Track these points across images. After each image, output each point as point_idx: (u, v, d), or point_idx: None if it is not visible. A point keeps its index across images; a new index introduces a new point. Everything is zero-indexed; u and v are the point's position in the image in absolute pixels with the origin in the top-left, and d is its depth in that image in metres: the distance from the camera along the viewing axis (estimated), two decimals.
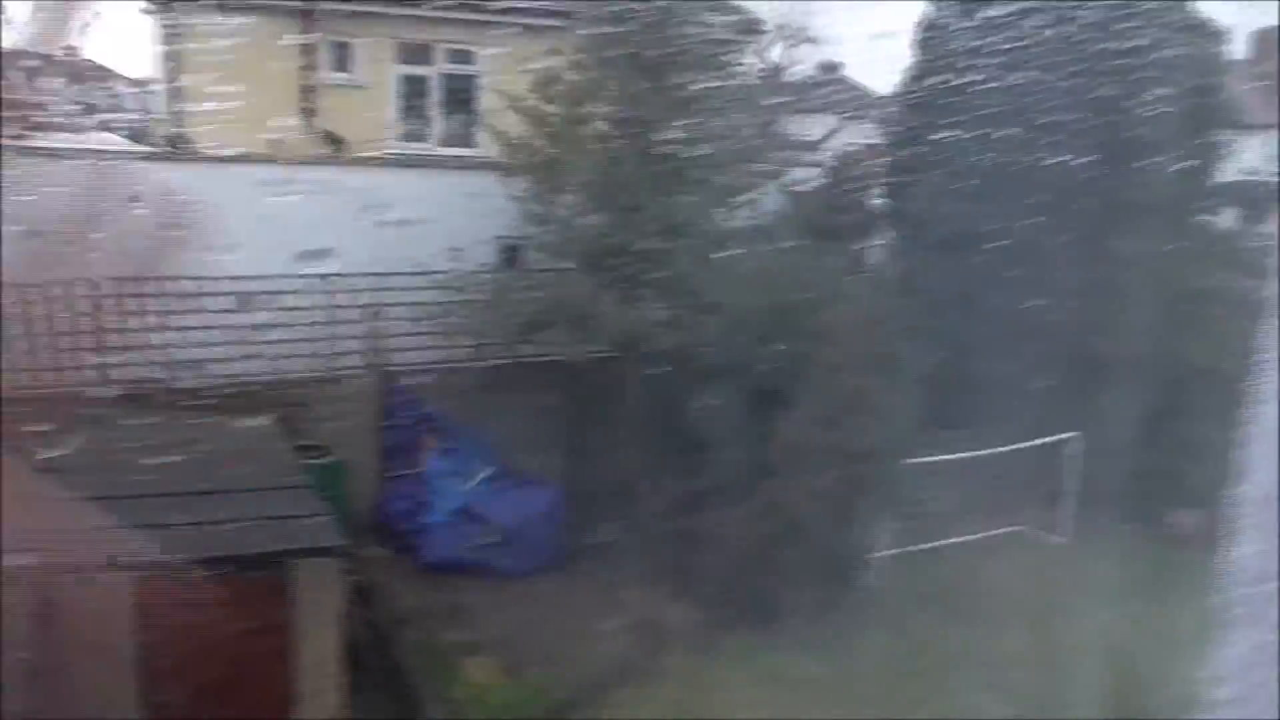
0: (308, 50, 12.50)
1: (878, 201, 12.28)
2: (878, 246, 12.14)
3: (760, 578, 8.71)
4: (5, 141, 8.66)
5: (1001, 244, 11.11)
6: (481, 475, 10.10)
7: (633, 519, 9.47)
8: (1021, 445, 10.58)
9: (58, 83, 14.60)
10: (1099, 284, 10.98)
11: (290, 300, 10.39)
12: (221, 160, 10.73)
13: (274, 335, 10.31)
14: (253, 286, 10.12)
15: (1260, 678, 0.62)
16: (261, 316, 10.20)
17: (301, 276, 10.30)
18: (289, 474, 8.20)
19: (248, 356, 10.12)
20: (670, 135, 10.32)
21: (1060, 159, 11.18)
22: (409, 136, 13.35)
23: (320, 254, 10.01)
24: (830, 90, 13.56)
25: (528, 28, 12.05)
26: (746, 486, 9.01)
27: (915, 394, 9.46)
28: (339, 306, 10.64)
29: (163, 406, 9.02)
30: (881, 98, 13.54)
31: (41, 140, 10.41)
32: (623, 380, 10.03)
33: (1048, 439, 10.75)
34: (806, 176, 12.01)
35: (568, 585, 9.46)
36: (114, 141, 13.02)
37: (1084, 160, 11.08)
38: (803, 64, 12.07)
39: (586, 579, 9.46)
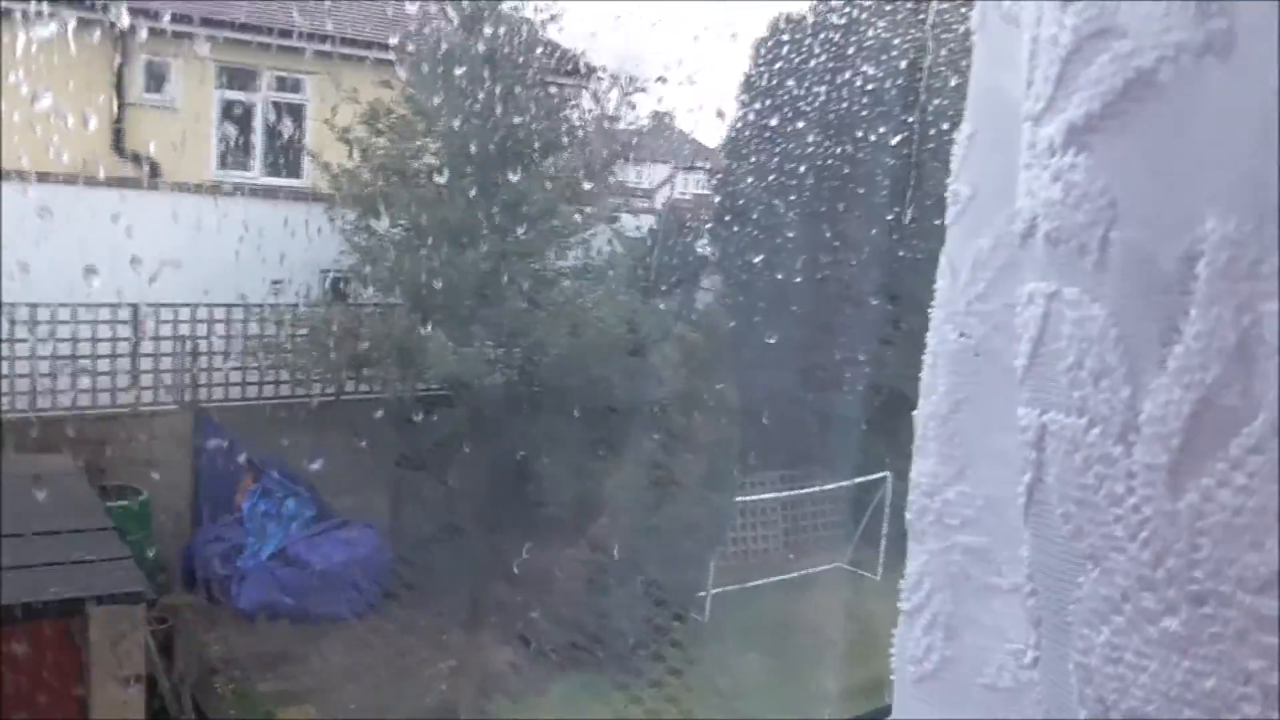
0: (121, 68, 11.89)
1: (705, 249, 12.72)
2: (705, 291, 12.56)
3: (588, 617, 8.76)
4: None
5: (817, 289, 11.72)
6: (300, 517, 9.73)
7: (458, 560, 9.34)
8: (836, 485, 11.11)
9: None
10: (912, 328, 11.72)
11: (93, 330, 9.81)
12: (16, 179, 10.04)
13: (76, 367, 9.69)
14: (50, 315, 9.51)
15: (931, 585, 0.71)
16: (62, 347, 9.59)
17: (107, 305, 9.76)
18: (89, 515, 7.68)
19: (45, 391, 9.48)
20: (501, 174, 10.38)
21: (868, 203, 11.93)
22: (230, 163, 12.86)
23: (130, 282, 9.52)
24: (662, 139, 13.98)
25: (359, 58, 11.89)
26: (575, 525, 9.08)
27: (738, 434, 9.80)
28: (150, 339, 10.10)
29: None
30: (710, 149, 14.09)
31: None
32: (450, 419, 9.93)
33: (860, 479, 11.32)
34: (640, 223, 12.32)
35: (390, 629, 9.21)
36: None
37: (886, 200, 11.86)
38: (636, 113, 12.42)
39: (410, 622, 9.24)
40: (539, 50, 11.04)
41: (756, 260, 12.07)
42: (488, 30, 10.57)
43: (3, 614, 6.16)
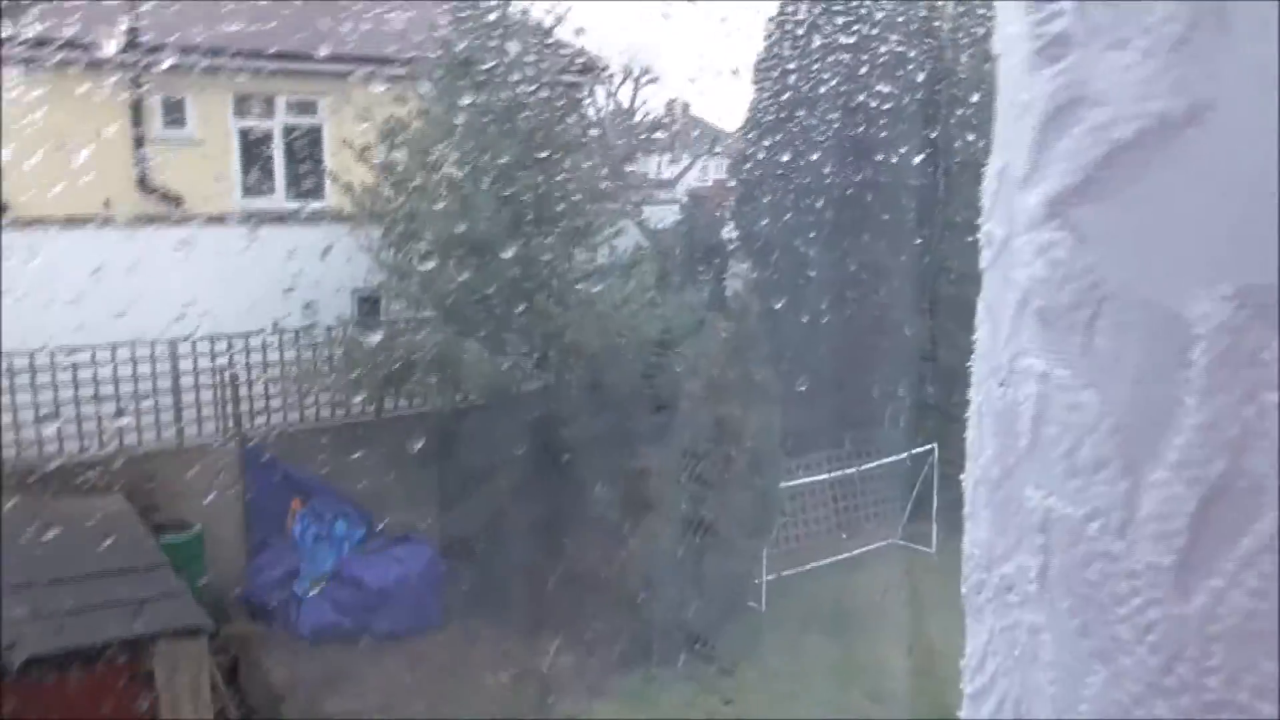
0: (136, 106, 11.99)
1: (732, 234, 12.62)
2: (734, 278, 12.46)
3: (645, 615, 8.73)
4: None
5: (845, 266, 11.58)
6: (351, 537, 9.78)
7: (511, 568, 9.35)
8: (884, 461, 10.98)
9: None
10: (942, 297, 11.56)
11: (134, 369, 9.92)
12: (48, 224, 10.17)
13: (120, 407, 9.81)
14: (90, 357, 9.62)
15: (996, 667, 0.64)
16: (105, 388, 9.70)
17: (144, 343, 9.86)
18: (145, 553, 7.78)
19: (93, 432, 9.60)
20: (522, 178, 10.35)
21: (892, 177, 11.77)
22: (253, 191, 12.95)
23: (165, 318, 9.62)
24: (680, 129, 13.89)
25: (371, 76, 11.91)
26: (624, 524, 9.04)
27: (780, 419, 9.71)
28: (189, 372, 10.20)
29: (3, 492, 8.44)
30: (729, 134, 13.98)
31: None
32: (490, 427, 9.93)
33: (906, 453, 11.19)
34: (663, 214, 12.24)
35: (450, 642, 9.24)
36: None
37: (913, 173, 11.70)
38: (650, 104, 12.34)
39: (469, 634, 9.26)
40: (548, 51, 10.98)
41: (783, 241, 11.95)
42: (496, 37, 10.54)
43: (69, 659, 6.24)
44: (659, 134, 12.71)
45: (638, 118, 12.00)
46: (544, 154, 10.60)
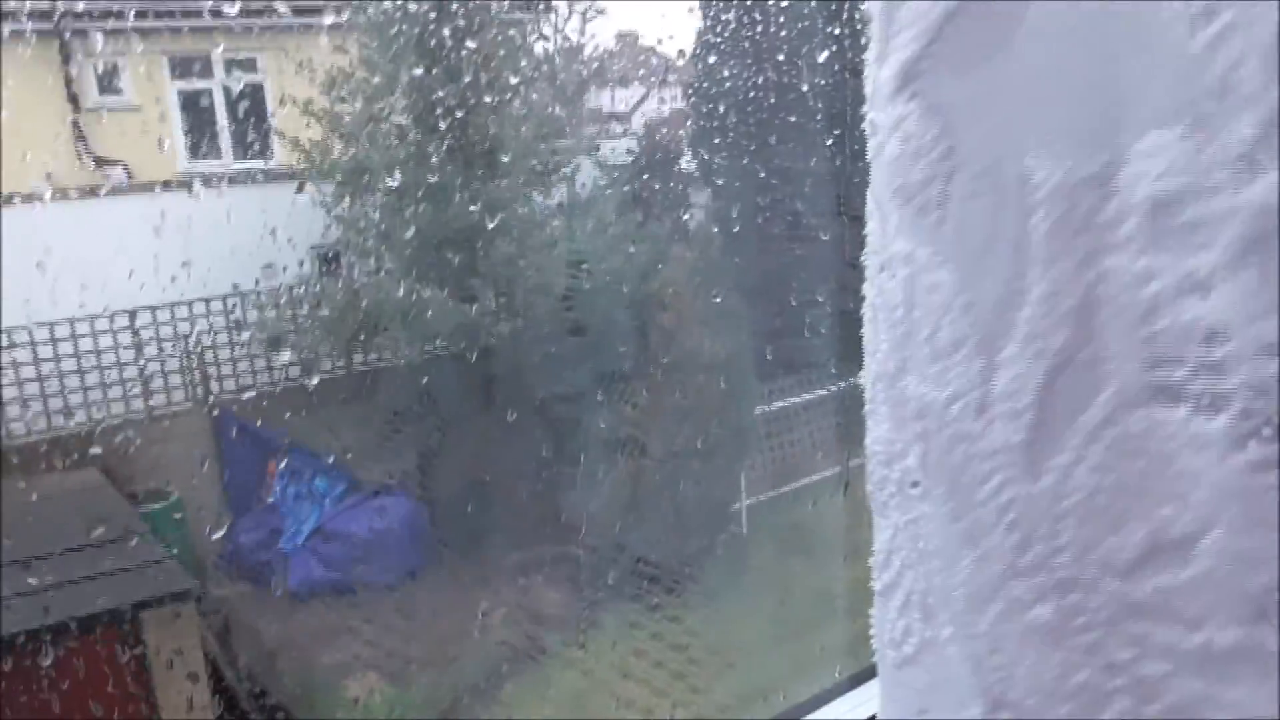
0: (69, 76, 11.65)
1: (690, 164, 12.54)
2: (697, 208, 12.42)
3: (629, 549, 8.84)
4: None
5: (802, 191, 11.56)
6: (332, 492, 9.80)
7: (492, 512, 9.41)
8: (850, 382, 11.09)
9: None
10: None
11: (95, 342, 9.79)
12: None
13: (85, 381, 9.71)
14: (48, 334, 9.49)
15: (901, 561, 0.64)
16: (68, 363, 9.59)
17: (103, 316, 9.72)
18: (125, 523, 7.75)
19: (58, 409, 9.50)
20: (472, 122, 10.20)
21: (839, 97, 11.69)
22: (199, 154, 12.68)
23: (122, 288, 9.48)
24: (631, 60, 13.70)
25: (307, 27, 11.63)
26: (603, 461, 9.11)
27: (750, 346, 9.76)
28: (151, 340, 10.07)
29: None
30: (679, 63, 13.80)
31: None
32: (460, 374, 9.92)
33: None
34: (618, 148, 12.13)
35: (436, 589, 9.33)
36: None
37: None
38: (599, 37, 12.15)
39: (455, 580, 9.35)
40: None
41: (740, 169, 11.89)
42: None
43: (57, 634, 6.25)
44: (610, 67, 12.54)
45: (587, 52, 11.81)
46: (493, 95, 10.44)
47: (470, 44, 10.28)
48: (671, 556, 8.80)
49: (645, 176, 11.76)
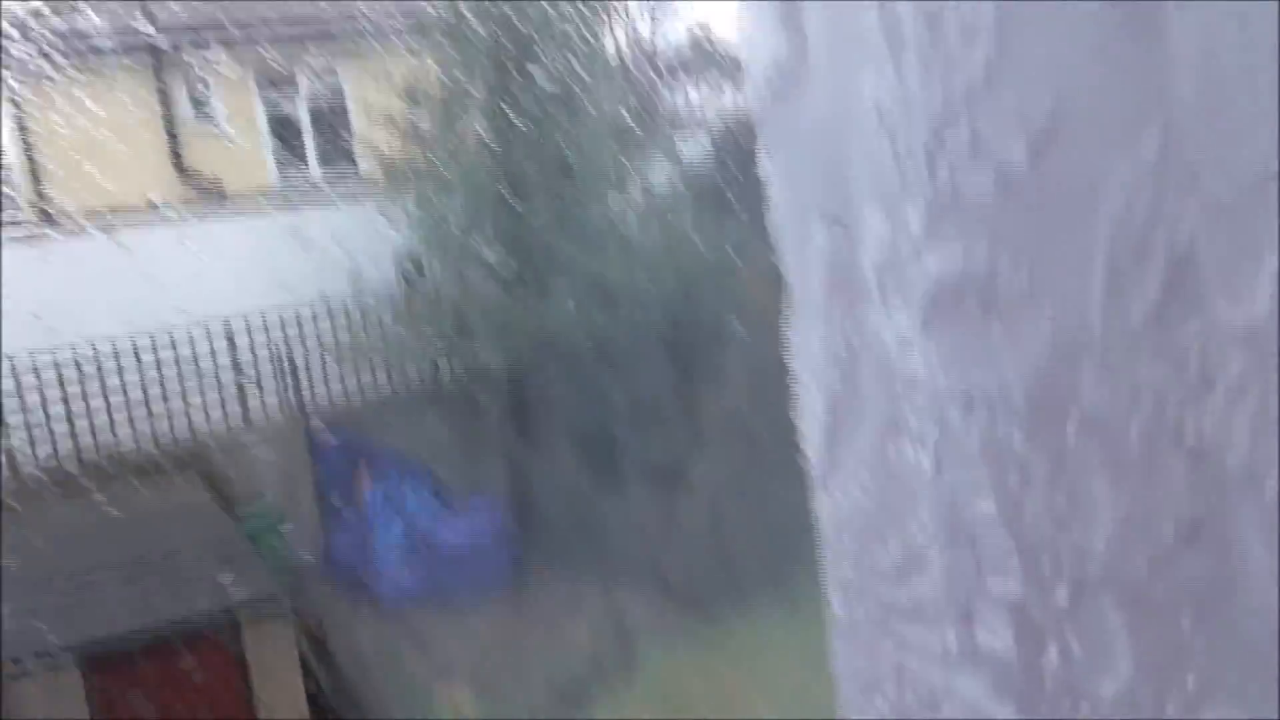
0: (163, 96, 12.05)
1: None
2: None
3: (721, 559, 8.74)
4: None
5: None
6: (422, 501, 9.93)
7: (581, 522, 9.41)
8: None
9: None
10: None
11: (194, 354, 10.11)
12: (92, 224, 10.32)
13: (183, 392, 10.03)
14: (150, 344, 9.84)
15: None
16: (169, 374, 9.93)
17: (201, 328, 10.04)
18: (224, 533, 7.99)
19: (161, 418, 9.84)
20: (548, 125, 10.21)
21: None
22: (286, 167, 12.99)
23: (214, 301, 9.76)
24: (705, 56, 13.57)
25: (387, 38, 11.79)
26: (692, 470, 9.03)
27: None
28: (244, 353, 10.36)
29: (77, 483, 8.71)
30: None
31: None
32: (544, 381, 9.95)
33: None
34: (695, 147, 12.02)
35: (527, 600, 9.38)
36: None
37: None
38: (671, 34, 12.07)
39: (545, 591, 9.38)
40: None
41: None
42: None
43: (157, 640, 6.44)
44: (683, 63, 12.44)
45: (659, 49, 11.73)
46: (568, 97, 10.43)
47: (542, 46, 10.29)
48: (762, 563, 8.67)
49: (721, 173, 11.62)
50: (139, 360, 9.89)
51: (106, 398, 9.75)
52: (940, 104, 0.45)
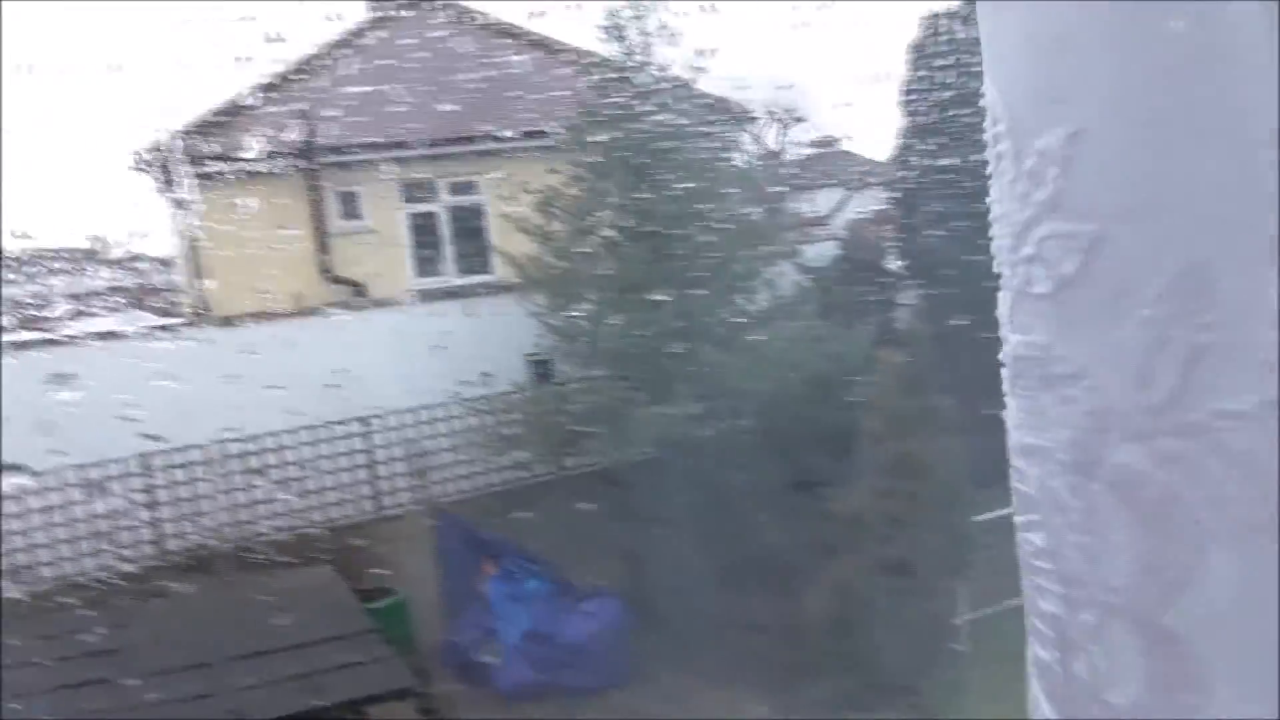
0: (316, 204, 12.87)
1: (895, 265, 12.37)
2: (903, 308, 12.18)
3: (842, 662, 8.48)
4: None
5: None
6: (543, 595, 9.97)
7: (699, 618, 9.29)
8: None
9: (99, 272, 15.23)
10: None
11: (331, 447, 10.52)
12: (246, 320, 10.99)
13: (320, 483, 10.43)
14: (292, 439, 10.28)
15: None
16: (306, 466, 10.33)
17: (340, 423, 10.46)
18: (353, 619, 8.15)
19: (296, 510, 10.21)
20: (676, 231, 10.49)
21: None
22: (425, 271, 13.62)
23: (354, 397, 10.18)
24: (830, 164, 13.80)
25: (523, 151, 12.40)
26: (812, 569, 8.86)
27: (963, 451, 9.34)
28: (379, 446, 10.74)
29: (219, 569, 9.07)
30: (881, 163, 13.78)
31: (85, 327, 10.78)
32: (667, 478, 9.98)
33: None
34: (820, 252, 12.14)
35: (644, 696, 9.24)
36: (147, 318, 13.41)
37: None
38: (798, 143, 12.35)
39: (662, 687, 9.23)
40: (691, 104, 11.15)
41: (950, 267, 11.60)
42: (637, 97, 10.79)
43: None
44: (809, 171, 12.68)
45: (786, 157, 12.01)
46: (696, 205, 10.71)
47: (673, 159, 10.65)
48: (885, 671, 8.37)
49: (848, 278, 11.68)
50: (277, 450, 10.34)
51: (245, 486, 10.20)
52: (1022, 217, 0.57)
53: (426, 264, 13.67)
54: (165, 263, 15.27)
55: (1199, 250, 0.47)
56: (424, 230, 13.69)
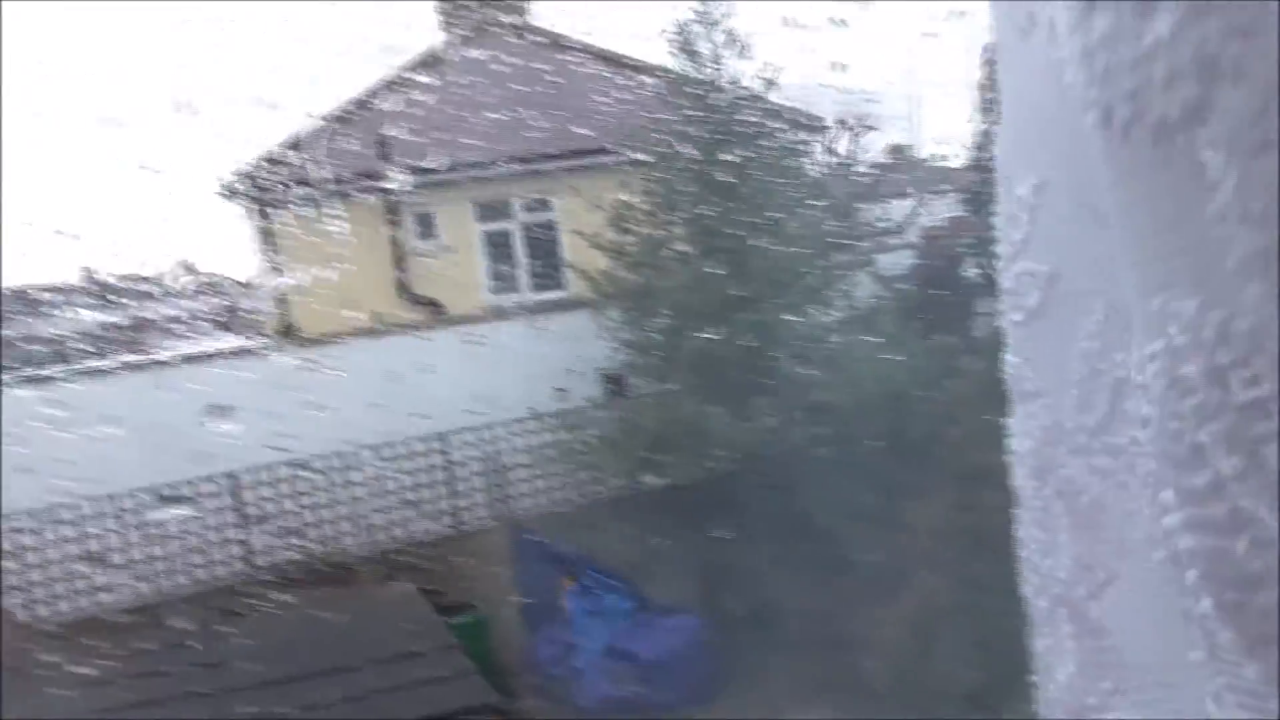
0: (395, 225, 13.12)
1: (972, 271, 12.12)
2: (981, 315, 11.93)
3: (927, 680, 8.31)
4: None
5: None
6: (622, 611, 9.98)
7: (779, 634, 9.19)
8: None
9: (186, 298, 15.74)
10: None
11: (411, 463, 10.69)
12: (330, 341, 11.23)
13: (402, 499, 10.59)
14: (373, 456, 10.47)
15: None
16: (388, 483, 10.51)
17: (421, 439, 10.63)
18: (435, 636, 8.25)
19: (377, 526, 10.40)
20: (750, 243, 10.44)
21: None
22: (501, 288, 13.78)
23: (434, 413, 10.33)
24: (904, 171, 13.61)
25: (596, 167, 12.48)
26: (893, 585, 8.70)
27: None
28: (457, 463, 10.88)
29: (303, 584, 9.26)
30: (956, 169, 13.53)
31: (173, 350, 11.14)
32: (745, 493, 9.90)
33: None
34: (896, 260, 11.97)
35: (726, 712, 9.17)
36: (233, 339, 13.81)
37: None
38: (871, 151, 12.21)
39: (743, 705, 9.16)
40: (763, 115, 11.10)
41: None
42: (708, 109, 10.79)
43: None
44: (882, 180, 12.51)
45: (859, 167, 11.87)
46: (769, 216, 10.65)
47: (746, 171, 10.60)
48: (970, 691, 8.16)
49: (925, 287, 11.47)
50: (359, 469, 10.54)
51: (329, 503, 10.43)
52: (1007, 252, 0.65)
53: (501, 281, 13.84)
54: (249, 285, 15.73)
55: (1122, 294, 0.53)
56: (499, 248, 13.87)
